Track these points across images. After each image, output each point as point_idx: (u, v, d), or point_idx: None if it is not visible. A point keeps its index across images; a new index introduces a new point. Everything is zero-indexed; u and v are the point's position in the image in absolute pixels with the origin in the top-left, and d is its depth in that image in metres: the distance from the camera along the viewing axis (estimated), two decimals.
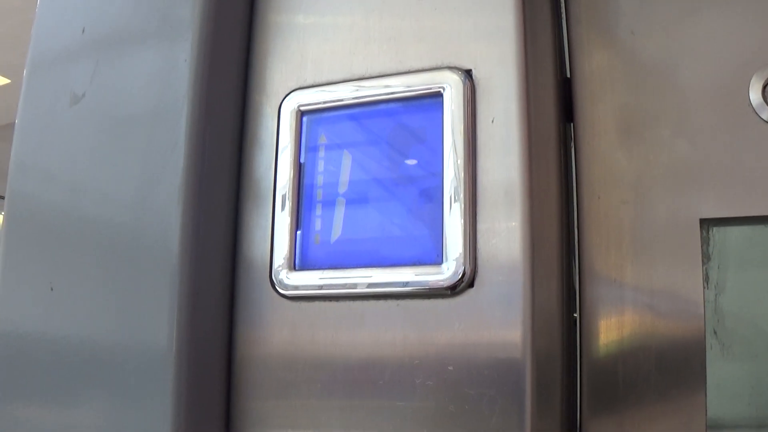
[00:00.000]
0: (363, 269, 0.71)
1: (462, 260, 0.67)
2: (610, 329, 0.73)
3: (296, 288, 0.73)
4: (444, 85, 0.71)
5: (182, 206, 0.73)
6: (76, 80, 0.82)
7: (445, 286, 0.67)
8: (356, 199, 0.73)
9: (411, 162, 0.72)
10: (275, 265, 0.75)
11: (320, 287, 0.72)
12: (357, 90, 0.75)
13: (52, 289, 0.77)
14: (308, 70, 0.78)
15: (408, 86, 0.73)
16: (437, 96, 0.71)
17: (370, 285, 0.70)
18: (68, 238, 0.79)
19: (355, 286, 0.71)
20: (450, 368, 0.67)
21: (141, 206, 0.75)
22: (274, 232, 0.76)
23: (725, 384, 0.74)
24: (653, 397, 0.71)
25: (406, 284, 0.69)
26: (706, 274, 0.74)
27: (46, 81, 0.85)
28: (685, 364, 0.71)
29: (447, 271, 0.68)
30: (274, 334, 0.74)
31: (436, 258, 0.69)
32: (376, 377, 0.69)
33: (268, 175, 0.77)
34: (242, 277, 0.77)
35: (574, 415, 0.74)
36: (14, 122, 0.87)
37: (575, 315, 0.75)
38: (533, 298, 0.66)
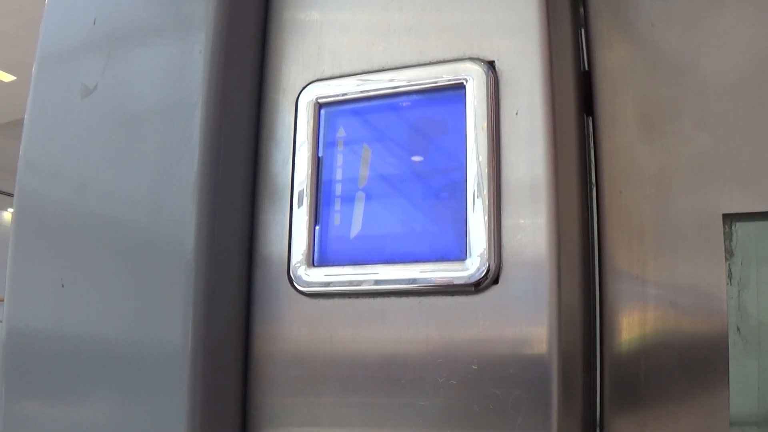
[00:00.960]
0: (384, 265, 0.68)
1: (486, 256, 0.64)
2: (632, 326, 0.71)
3: (315, 284, 0.70)
4: (467, 77, 0.68)
5: (197, 202, 0.70)
6: (88, 73, 0.79)
7: (469, 282, 0.65)
8: (376, 194, 0.70)
9: (433, 155, 0.69)
10: (293, 261, 0.72)
11: (340, 284, 0.69)
12: (377, 82, 0.72)
13: (63, 286, 0.75)
14: (326, 62, 0.75)
15: (429, 78, 0.70)
16: (460, 88, 0.69)
17: (391, 282, 0.67)
18: (79, 235, 0.76)
19: (375, 282, 0.68)
20: (474, 367, 0.64)
21: (154, 202, 0.73)
22: (292, 227, 0.73)
23: (749, 381, 0.72)
24: (676, 394, 0.69)
25: (428, 281, 0.66)
26: (729, 270, 0.71)
27: (56, 74, 0.82)
28: (708, 361, 0.68)
29: (471, 267, 0.65)
30: (291, 331, 0.71)
31: (459, 254, 0.66)
32: (398, 376, 0.67)
33: (285, 169, 0.75)
34: (259, 273, 0.74)
35: (595, 413, 0.71)
36: (21, 119, 0.84)
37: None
38: (559, 294, 0.63)
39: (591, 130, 0.76)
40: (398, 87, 0.71)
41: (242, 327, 0.74)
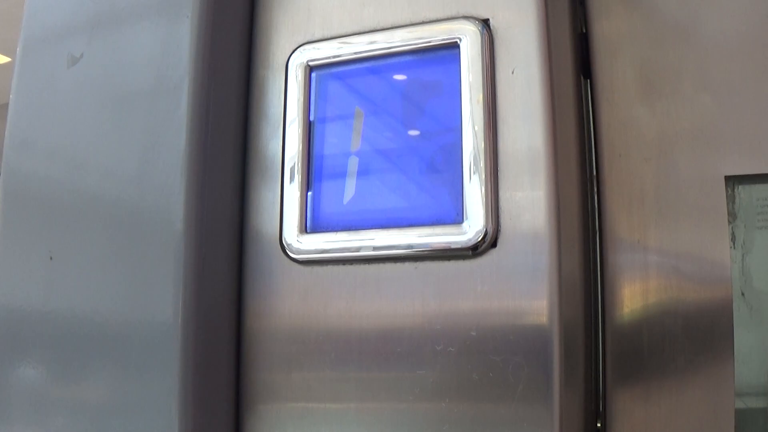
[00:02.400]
0: (378, 230, 0.65)
1: (484, 219, 0.62)
2: (635, 294, 0.68)
3: (308, 251, 0.67)
4: (461, 36, 0.65)
5: (185, 175, 0.68)
6: (74, 45, 0.76)
7: (466, 246, 0.62)
8: (370, 158, 0.67)
9: (427, 118, 0.66)
10: (285, 228, 0.69)
11: (333, 250, 0.67)
12: (369, 43, 0.69)
13: (51, 259, 0.72)
14: (316, 24, 0.72)
15: (422, 37, 0.67)
16: (454, 47, 0.66)
17: (385, 247, 0.64)
18: (67, 210, 0.74)
19: (369, 248, 0.65)
20: (473, 333, 0.61)
21: (143, 176, 0.70)
22: (284, 195, 0.70)
23: (754, 347, 0.70)
24: (680, 363, 0.66)
25: (424, 245, 0.63)
26: (732, 233, 0.69)
27: (42, 50, 0.79)
28: (713, 328, 0.66)
29: (468, 231, 0.62)
30: (285, 302, 0.69)
31: (456, 217, 0.63)
32: (394, 344, 0.64)
33: (276, 136, 0.72)
34: (252, 246, 0.71)
35: (598, 383, 0.68)
36: None
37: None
38: (559, 258, 0.60)
39: (589, 93, 0.73)
40: (390, 48, 0.68)
41: (234, 301, 0.71)
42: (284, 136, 0.71)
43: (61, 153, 0.75)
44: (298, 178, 0.69)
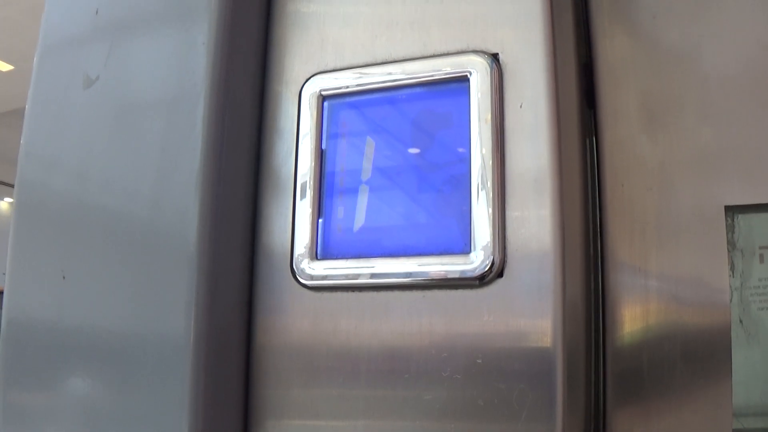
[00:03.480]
0: (387, 259, 0.66)
1: (491, 249, 0.63)
2: (635, 318, 0.69)
3: (318, 278, 0.68)
4: (470, 69, 0.66)
5: (200, 194, 0.68)
6: (90, 63, 0.77)
7: (473, 276, 0.63)
8: (380, 187, 0.68)
9: (437, 148, 0.67)
10: (296, 254, 0.70)
11: (343, 277, 0.67)
12: (381, 74, 0.70)
13: (64, 278, 0.73)
14: (329, 54, 0.73)
15: (433, 70, 0.68)
16: (463, 80, 0.67)
17: (394, 275, 0.65)
18: (81, 227, 0.74)
19: (379, 276, 0.66)
20: (479, 361, 0.62)
21: (157, 194, 0.71)
22: (295, 220, 0.71)
23: (751, 373, 0.71)
24: (679, 386, 0.67)
25: (432, 274, 0.64)
26: (732, 261, 0.69)
27: (58, 64, 0.80)
28: (711, 353, 0.67)
29: (475, 261, 0.63)
30: (294, 325, 0.70)
31: (463, 247, 0.64)
32: (402, 369, 0.65)
33: (288, 161, 0.73)
34: (262, 266, 0.72)
35: (599, 405, 0.69)
36: (18, 108, 0.82)
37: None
38: (564, 288, 0.61)
39: (593, 122, 0.74)
40: (401, 80, 0.69)
41: (245, 319, 0.72)
42: (296, 164, 0.72)
43: (75, 169, 0.76)
44: (309, 205, 0.70)
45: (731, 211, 0.69)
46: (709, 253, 0.68)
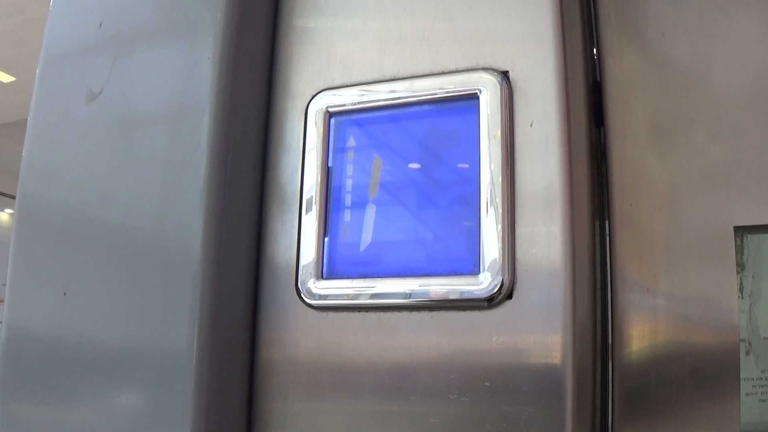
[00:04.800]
0: (394, 279, 0.65)
1: (500, 270, 0.61)
2: (643, 338, 0.68)
3: (324, 297, 0.67)
4: (480, 87, 0.65)
5: (204, 210, 0.67)
6: (93, 77, 0.76)
7: (481, 297, 0.61)
8: (387, 205, 0.67)
9: (445, 167, 0.65)
10: (301, 272, 0.68)
11: (349, 297, 0.66)
12: (388, 91, 0.68)
13: (65, 294, 0.71)
14: (336, 70, 0.72)
15: (442, 88, 0.66)
16: (473, 98, 0.65)
17: (401, 296, 0.64)
18: (83, 241, 0.73)
19: (386, 296, 0.65)
20: (487, 384, 0.61)
21: (161, 209, 0.69)
22: (301, 238, 0.69)
23: (759, 395, 0.69)
24: (686, 407, 0.66)
25: (440, 295, 0.63)
26: (741, 283, 0.68)
27: (60, 77, 0.78)
28: (719, 374, 0.65)
29: (484, 282, 0.62)
30: (299, 341, 0.68)
31: (472, 268, 0.63)
32: (408, 390, 0.63)
33: (294, 179, 0.71)
34: (267, 283, 0.71)
35: (606, 424, 0.68)
36: (19, 120, 0.81)
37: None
38: (574, 311, 0.60)
39: (602, 140, 0.73)
40: (410, 97, 0.67)
41: (248, 333, 0.70)
42: (302, 180, 0.70)
43: (77, 182, 0.74)
44: (315, 223, 0.69)
45: (740, 231, 0.67)
46: (718, 274, 0.67)
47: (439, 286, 0.63)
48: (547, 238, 0.61)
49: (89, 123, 0.75)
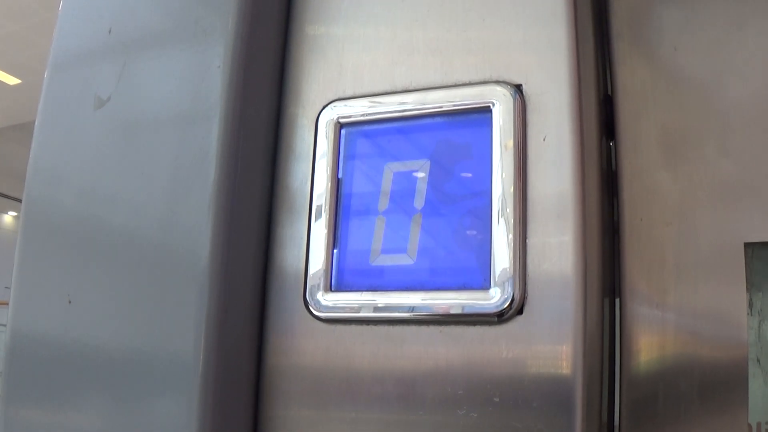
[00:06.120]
0: (404, 293, 0.64)
1: (511, 285, 0.60)
2: (651, 352, 0.67)
3: (332, 310, 0.66)
4: (493, 100, 0.64)
5: (213, 218, 0.66)
6: (101, 83, 0.75)
7: (492, 312, 0.60)
8: (397, 218, 0.66)
9: (456, 179, 0.64)
10: (310, 284, 0.67)
11: (357, 310, 0.65)
12: (399, 103, 0.67)
13: (70, 302, 0.71)
14: (347, 80, 0.71)
15: (455, 100, 0.65)
16: (486, 111, 0.64)
17: (411, 310, 0.63)
18: (89, 247, 0.72)
19: (395, 309, 0.63)
20: (496, 399, 0.60)
21: (169, 215, 0.69)
22: (309, 249, 0.68)
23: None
24: (693, 421, 0.65)
25: (450, 310, 0.62)
26: (750, 300, 0.67)
27: (68, 82, 0.77)
28: (727, 391, 0.65)
29: (494, 297, 0.60)
30: (306, 352, 0.67)
31: (483, 282, 0.61)
32: (416, 407, 0.62)
33: (304, 189, 0.70)
34: (274, 294, 0.69)
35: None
36: (25, 123, 0.80)
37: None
38: (585, 327, 0.59)
39: (613, 154, 0.72)
40: (422, 109, 0.66)
41: (255, 342, 0.70)
42: (312, 191, 0.69)
43: (84, 187, 0.74)
44: (324, 234, 0.68)
45: (751, 247, 0.66)
46: (728, 291, 0.66)
47: (448, 300, 0.62)
48: (558, 251, 0.60)
49: (97, 128, 0.74)
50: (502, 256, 0.61)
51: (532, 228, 0.61)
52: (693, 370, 0.65)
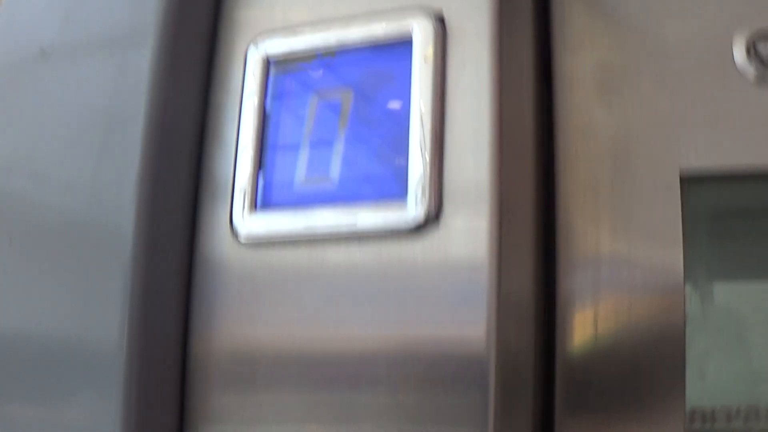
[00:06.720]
0: (325, 212, 0.65)
1: (427, 198, 0.61)
2: (585, 320, 0.65)
3: (256, 237, 0.67)
4: (414, 28, 0.65)
5: (137, 187, 0.66)
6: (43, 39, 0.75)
7: (409, 225, 0.61)
8: (321, 144, 0.67)
9: (379, 106, 0.66)
10: (235, 213, 0.68)
11: (282, 231, 0.66)
12: (324, 34, 0.68)
13: None
14: (277, 15, 0.72)
15: (376, 29, 0.66)
16: (406, 39, 0.65)
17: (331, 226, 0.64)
18: (8, 224, 0.71)
19: (317, 228, 0.65)
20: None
21: (94, 190, 0.68)
22: (235, 182, 0.69)
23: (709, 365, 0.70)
24: (630, 393, 0.64)
25: (368, 223, 0.63)
26: (687, 234, 0.67)
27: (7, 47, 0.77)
28: (664, 343, 0.63)
29: (410, 209, 0.61)
30: (230, 309, 0.68)
31: (400, 197, 0.62)
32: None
33: (233, 123, 0.71)
34: (200, 258, 0.70)
35: (551, 413, 0.65)
36: None
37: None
38: (500, 235, 0.59)
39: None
40: (345, 39, 0.68)
41: (181, 320, 0.68)
42: (239, 124, 0.70)
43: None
44: (250, 168, 0.69)
45: (686, 183, 0.66)
46: (664, 229, 0.65)
47: (367, 214, 0.63)
48: (474, 169, 0.61)
49: (31, 100, 0.74)
50: (417, 173, 0.61)
51: (450, 148, 0.62)
52: (627, 340, 0.64)
